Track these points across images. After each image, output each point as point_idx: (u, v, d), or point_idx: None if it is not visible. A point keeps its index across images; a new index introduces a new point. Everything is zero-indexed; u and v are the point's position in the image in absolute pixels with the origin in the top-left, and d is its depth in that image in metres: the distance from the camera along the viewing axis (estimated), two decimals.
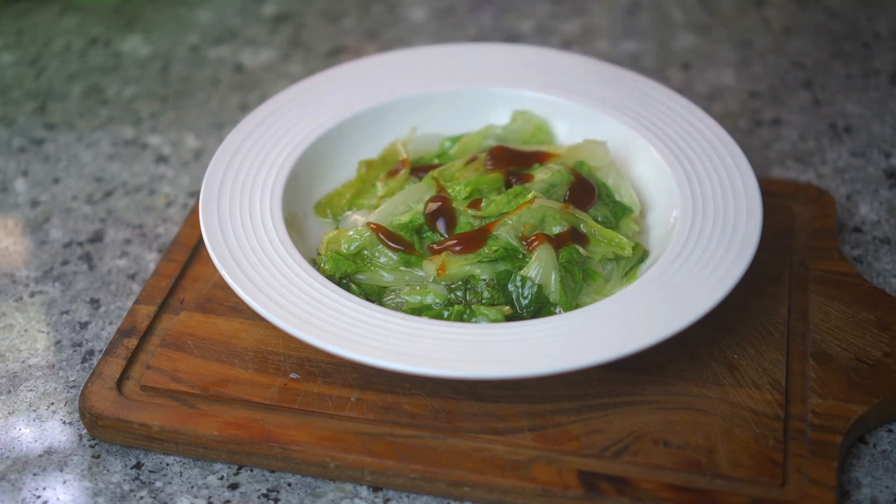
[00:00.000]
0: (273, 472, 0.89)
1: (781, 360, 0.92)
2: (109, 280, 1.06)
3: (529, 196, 0.98)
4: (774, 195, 1.07)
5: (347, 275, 0.96)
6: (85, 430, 0.92)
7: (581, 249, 0.96)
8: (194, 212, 1.07)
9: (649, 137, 1.05)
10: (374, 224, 0.97)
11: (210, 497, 0.87)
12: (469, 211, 0.98)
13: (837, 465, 0.85)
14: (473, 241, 0.96)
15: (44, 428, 0.93)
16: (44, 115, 1.27)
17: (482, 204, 0.98)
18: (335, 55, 1.37)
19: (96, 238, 1.11)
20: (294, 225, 1.00)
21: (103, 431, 0.90)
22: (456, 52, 1.16)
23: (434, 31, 1.42)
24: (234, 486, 0.88)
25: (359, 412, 0.89)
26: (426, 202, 0.99)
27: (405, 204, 1.00)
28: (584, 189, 1.01)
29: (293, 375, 0.91)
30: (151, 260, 1.08)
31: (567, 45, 1.38)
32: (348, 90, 1.11)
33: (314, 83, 1.12)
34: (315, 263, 0.96)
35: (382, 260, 0.96)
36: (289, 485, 0.88)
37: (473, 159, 1.03)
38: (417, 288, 0.95)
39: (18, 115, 1.28)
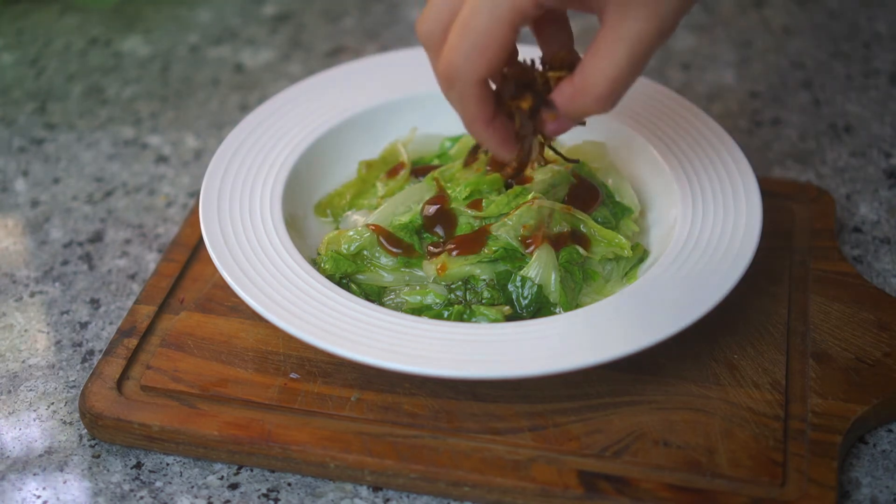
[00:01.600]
0: (273, 472, 0.89)
1: (781, 360, 0.92)
2: (109, 280, 1.06)
3: (529, 196, 0.98)
4: (774, 195, 1.07)
5: (347, 275, 0.96)
6: (85, 430, 0.92)
7: (581, 250, 0.96)
8: (194, 212, 1.07)
9: (649, 137, 1.05)
10: (374, 225, 0.97)
11: (210, 497, 0.87)
12: (469, 211, 0.98)
13: (837, 465, 0.85)
14: (471, 244, 0.96)
15: (44, 428, 0.93)
16: (44, 115, 1.28)
17: (482, 204, 0.98)
18: (335, 55, 1.37)
19: (96, 238, 1.11)
20: (294, 225, 1.00)
21: (103, 431, 0.90)
22: None
23: None
24: (234, 486, 0.88)
25: (359, 412, 0.89)
26: (423, 205, 0.99)
27: (405, 204, 1.00)
28: (587, 191, 1.01)
29: (293, 375, 0.91)
30: (151, 260, 1.08)
31: None
32: (348, 90, 1.11)
33: (314, 83, 1.12)
34: (315, 263, 0.96)
35: (382, 260, 0.96)
36: (289, 485, 0.88)
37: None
38: (417, 288, 0.95)
39: (18, 115, 1.28)
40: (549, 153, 0.97)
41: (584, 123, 0.87)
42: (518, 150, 0.87)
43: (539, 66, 0.86)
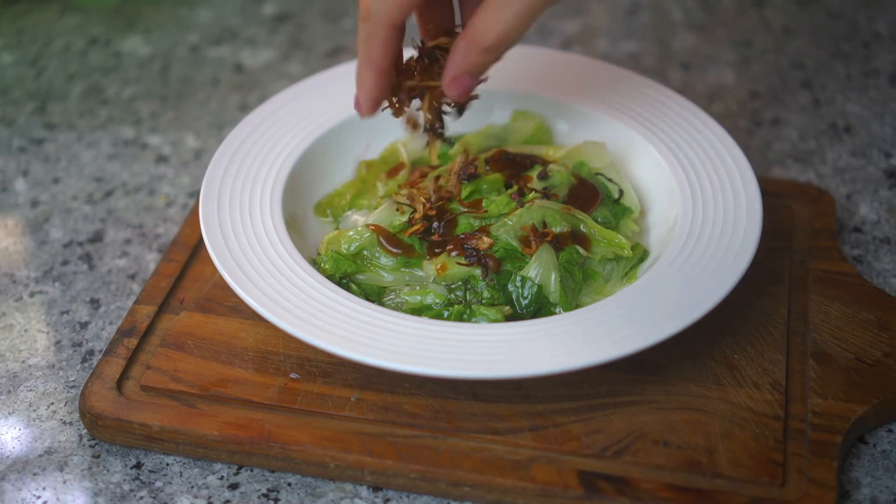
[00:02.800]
0: (273, 472, 0.89)
1: (781, 360, 0.92)
2: (109, 280, 1.06)
3: (529, 196, 0.98)
4: (774, 195, 1.07)
5: (347, 275, 0.96)
6: (85, 430, 0.92)
7: (581, 250, 0.96)
8: (194, 212, 1.07)
9: (649, 137, 1.05)
10: (374, 225, 0.97)
11: (210, 497, 0.87)
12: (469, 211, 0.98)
13: (837, 465, 0.85)
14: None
15: (44, 428, 0.93)
16: (44, 115, 1.28)
17: (482, 204, 0.98)
18: (335, 55, 1.37)
19: (96, 238, 1.11)
20: (294, 225, 1.00)
21: (103, 431, 0.90)
22: None
23: None
24: (234, 486, 0.88)
25: (359, 412, 0.89)
26: (423, 207, 0.98)
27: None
28: (587, 191, 1.01)
29: (293, 375, 0.91)
30: (151, 260, 1.08)
31: (567, 45, 1.38)
32: (348, 90, 1.10)
33: (314, 83, 1.12)
34: (315, 263, 0.96)
35: (382, 260, 0.96)
36: (289, 485, 0.88)
37: (474, 160, 1.03)
38: (417, 288, 0.95)
39: (18, 115, 1.28)
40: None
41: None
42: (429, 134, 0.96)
43: (419, 44, 0.93)
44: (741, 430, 0.87)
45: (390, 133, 1.09)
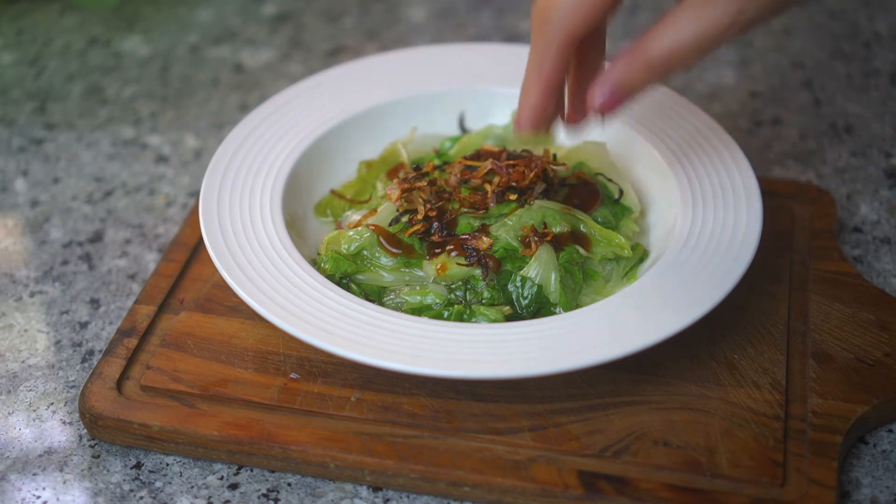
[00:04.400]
0: (273, 472, 0.89)
1: (781, 360, 0.92)
2: (109, 280, 1.06)
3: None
4: (774, 195, 1.07)
5: (347, 275, 0.96)
6: (85, 430, 0.92)
7: (581, 250, 0.96)
8: (194, 212, 1.07)
9: (649, 138, 1.05)
10: (374, 225, 0.97)
11: (210, 497, 0.87)
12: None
13: (837, 465, 0.85)
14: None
15: (44, 428, 0.93)
16: (44, 115, 1.28)
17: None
18: (335, 55, 1.37)
19: (96, 238, 1.11)
20: (294, 225, 1.00)
21: (103, 431, 0.90)
22: (456, 52, 1.16)
23: (434, 31, 1.42)
24: (234, 486, 0.88)
25: (359, 412, 0.89)
26: (424, 207, 0.98)
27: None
28: (586, 191, 1.01)
29: (293, 375, 0.91)
30: (151, 260, 1.08)
31: None
32: (348, 90, 1.11)
33: (314, 83, 1.12)
34: (315, 263, 0.96)
35: (383, 260, 0.96)
36: (289, 485, 0.88)
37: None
38: (417, 288, 0.95)
39: (18, 115, 1.28)
40: None
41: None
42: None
43: None
44: (741, 430, 0.87)
45: (390, 133, 1.09)
